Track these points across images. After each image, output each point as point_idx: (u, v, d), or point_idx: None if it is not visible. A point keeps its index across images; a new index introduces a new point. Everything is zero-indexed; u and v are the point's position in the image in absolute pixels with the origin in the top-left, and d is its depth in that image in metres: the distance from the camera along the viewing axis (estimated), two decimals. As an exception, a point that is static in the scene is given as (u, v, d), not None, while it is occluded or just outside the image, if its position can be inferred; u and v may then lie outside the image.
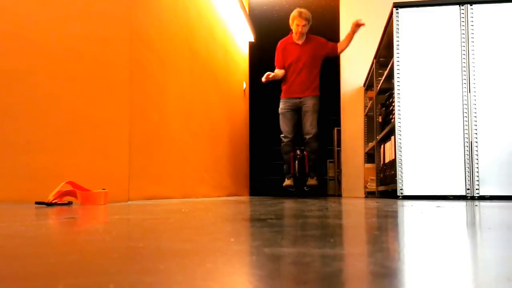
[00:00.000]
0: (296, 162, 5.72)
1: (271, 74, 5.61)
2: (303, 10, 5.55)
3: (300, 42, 5.61)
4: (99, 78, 3.07)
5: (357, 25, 5.36)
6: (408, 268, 0.51)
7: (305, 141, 5.67)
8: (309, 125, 5.57)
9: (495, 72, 3.80)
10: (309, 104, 5.59)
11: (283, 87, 5.77)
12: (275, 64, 5.79)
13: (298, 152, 5.74)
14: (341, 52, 5.70)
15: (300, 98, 5.64)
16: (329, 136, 9.43)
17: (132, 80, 3.12)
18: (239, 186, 6.87)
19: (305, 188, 5.82)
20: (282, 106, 5.73)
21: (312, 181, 5.73)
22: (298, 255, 0.59)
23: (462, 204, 2.55)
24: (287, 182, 5.76)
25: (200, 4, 4.88)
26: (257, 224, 1.12)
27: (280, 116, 5.73)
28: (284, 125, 5.69)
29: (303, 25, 5.50)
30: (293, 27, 5.57)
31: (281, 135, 5.74)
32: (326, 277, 0.45)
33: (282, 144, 5.75)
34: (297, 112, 5.73)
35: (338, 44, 5.67)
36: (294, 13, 5.55)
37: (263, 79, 5.61)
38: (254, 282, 0.43)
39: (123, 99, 3.05)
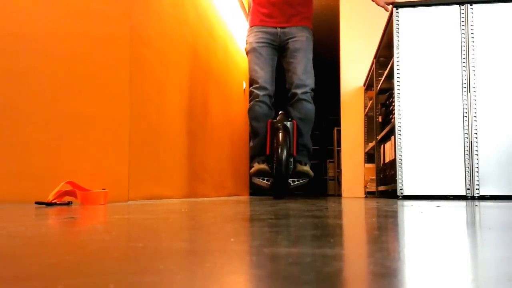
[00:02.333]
0: (279, 135, 3.37)
1: None
2: None
3: None
4: (99, 78, 3.07)
5: (386, 4, 3.71)
6: (408, 268, 0.51)
7: (293, 100, 3.51)
8: (303, 72, 3.45)
9: (495, 72, 3.80)
10: (301, 37, 3.57)
11: (253, 10, 3.71)
12: None
13: (280, 117, 3.51)
14: None
15: (283, 27, 3.61)
16: (329, 136, 9.44)
17: (132, 80, 3.12)
18: (239, 186, 6.87)
19: (291, 181, 3.55)
20: (252, 38, 3.62)
21: (304, 168, 3.53)
22: (298, 255, 0.59)
23: (462, 204, 2.55)
24: (258, 167, 3.49)
25: (200, 4, 4.88)
26: (257, 224, 1.12)
27: (249, 55, 3.63)
28: (258, 68, 3.50)
29: None
30: None
31: (252, 87, 3.60)
32: (326, 277, 0.45)
33: (251, 102, 3.57)
34: (278, 51, 3.69)
35: None
36: None
37: None
38: (254, 282, 0.43)
39: (123, 99, 3.05)
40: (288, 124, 3.40)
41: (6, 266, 0.53)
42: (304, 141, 3.57)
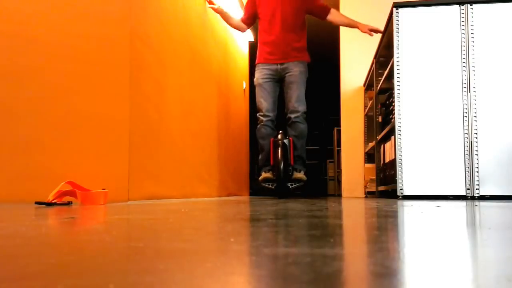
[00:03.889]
0: (278, 150, 4.30)
1: (217, 6, 4.56)
2: None
3: None
4: (99, 78, 3.07)
5: (370, 31, 4.58)
6: (408, 268, 0.51)
7: (289, 122, 4.41)
8: (296, 100, 4.31)
9: (495, 72, 3.80)
10: (295, 71, 4.36)
11: (259, 49, 4.50)
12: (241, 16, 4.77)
13: (280, 136, 4.37)
14: (330, 21, 4.63)
15: (283, 64, 4.41)
16: (329, 136, 9.44)
17: (132, 80, 3.12)
18: (239, 186, 6.87)
19: (289, 184, 4.48)
20: (258, 75, 4.46)
21: (299, 175, 4.44)
22: (298, 255, 0.59)
23: (462, 204, 2.55)
24: (265, 175, 4.48)
25: (200, 4, 4.88)
26: (257, 224, 1.12)
27: (257, 88, 4.48)
28: (262, 100, 4.41)
29: None
30: None
31: (258, 114, 4.51)
32: (326, 277, 0.45)
33: (258, 125, 4.50)
34: (278, 83, 4.50)
35: (334, 11, 4.61)
36: None
37: (210, 1, 4.59)
38: (254, 282, 0.43)
39: (123, 99, 3.05)
40: (286, 141, 4.37)
41: (6, 266, 0.53)
42: (299, 153, 4.48)
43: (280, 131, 4.43)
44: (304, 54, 4.53)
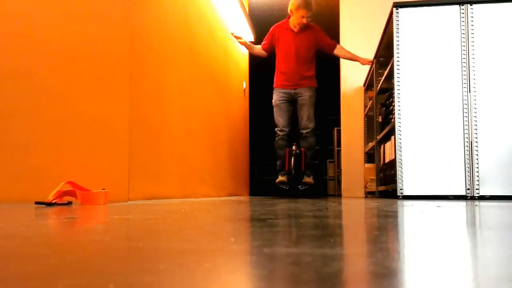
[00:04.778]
0: (292, 158, 5.33)
1: (243, 40, 5.41)
2: None
3: (296, 29, 5.26)
4: (99, 78, 3.07)
5: (364, 62, 5.42)
6: (408, 268, 0.51)
7: (301, 136, 5.37)
8: (306, 119, 5.27)
9: (495, 72, 3.80)
10: (306, 96, 5.28)
11: (276, 76, 5.43)
12: (262, 43, 5.55)
13: (294, 147, 5.37)
14: (336, 55, 5.49)
15: (295, 89, 5.32)
16: (329, 136, 9.43)
17: (132, 80, 3.12)
18: (239, 186, 6.87)
19: (300, 186, 5.46)
20: (276, 97, 5.41)
21: (308, 179, 5.40)
22: (298, 255, 0.59)
23: (462, 204, 2.55)
24: (281, 178, 5.40)
25: (200, 4, 4.88)
26: (257, 224, 1.12)
27: (274, 108, 5.42)
28: (279, 118, 5.37)
29: (308, 17, 5.18)
30: (296, 16, 5.18)
31: (276, 129, 5.42)
32: (326, 277, 0.45)
33: (276, 138, 5.42)
34: (292, 103, 5.43)
35: (339, 46, 5.45)
36: (300, 1, 5.12)
37: (237, 37, 5.43)
38: (254, 282, 0.43)
39: (123, 99, 3.05)
40: (298, 151, 5.40)
41: (6, 266, 0.53)
42: (309, 161, 5.43)
43: (294, 143, 5.40)
44: (313, 81, 5.42)
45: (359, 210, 1.85)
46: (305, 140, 5.33)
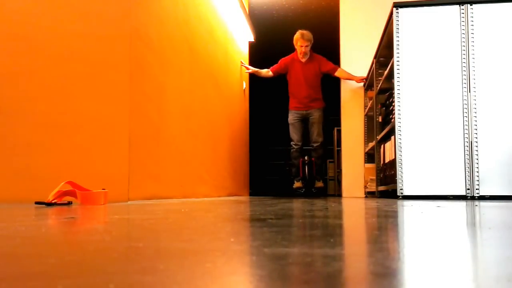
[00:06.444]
0: (306, 167, 6.58)
1: (251, 69, 6.77)
2: (305, 32, 6.30)
3: (303, 60, 6.41)
4: (99, 78, 3.08)
5: (358, 81, 6.40)
6: (408, 268, 0.51)
7: (312, 149, 6.51)
8: (316, 135, 6.46)
9: (495, 72, 3.80)
10: (316, 115, 6.45)
11: (290, 100, 6.62)
12: (272, 66, 6.60)
13: (306, 158, 6.58)
14: (337, 76, 6.48)
15: (307, 110, 6.48)
16: (329, 136, 9.43)
17: (132, 80, 3.12)
18: (239, 186, 6.87)
19: (313, 189, 6.68)
20: (291, 117, 6.54)
21: (319, 184, 6.65)
22: (298, 255, 0.59)
23: (462, 204, 2.55)
24: (297, 184, 6.65)
25: (200, 4, 4.88)
26: (257, 224, 1.12)
27: (290, 126, 6.56)
28: (294, 134, 6.52)
29: (306, 46, 6.29)
30: (297, 47, 6.36)
31: (291, 143, 6.55)
32: (327, 277, 0.45)
33: (292, 150, 6.56)
34: (304, 122, 6.56)
35: (340, 69, 6.44)
36: (297, 35, 6.34)
37: (246, 67, 6.82)
38: (254, 282, 0.43)
39: (123, 99, 3.05)
40: (310, 161, 6.64)
41: (6, 266, 0.53)
42: (319, 169, 6.64)
43: (306, 155, 6.62)
44: (321, 102, 6.53)
45: (359, 210, 1.85)
46: (316, 151, 6.51)
